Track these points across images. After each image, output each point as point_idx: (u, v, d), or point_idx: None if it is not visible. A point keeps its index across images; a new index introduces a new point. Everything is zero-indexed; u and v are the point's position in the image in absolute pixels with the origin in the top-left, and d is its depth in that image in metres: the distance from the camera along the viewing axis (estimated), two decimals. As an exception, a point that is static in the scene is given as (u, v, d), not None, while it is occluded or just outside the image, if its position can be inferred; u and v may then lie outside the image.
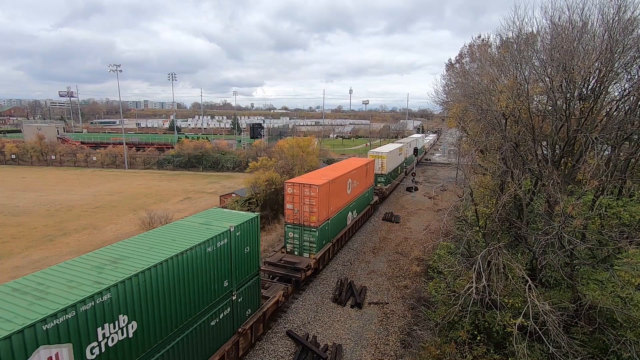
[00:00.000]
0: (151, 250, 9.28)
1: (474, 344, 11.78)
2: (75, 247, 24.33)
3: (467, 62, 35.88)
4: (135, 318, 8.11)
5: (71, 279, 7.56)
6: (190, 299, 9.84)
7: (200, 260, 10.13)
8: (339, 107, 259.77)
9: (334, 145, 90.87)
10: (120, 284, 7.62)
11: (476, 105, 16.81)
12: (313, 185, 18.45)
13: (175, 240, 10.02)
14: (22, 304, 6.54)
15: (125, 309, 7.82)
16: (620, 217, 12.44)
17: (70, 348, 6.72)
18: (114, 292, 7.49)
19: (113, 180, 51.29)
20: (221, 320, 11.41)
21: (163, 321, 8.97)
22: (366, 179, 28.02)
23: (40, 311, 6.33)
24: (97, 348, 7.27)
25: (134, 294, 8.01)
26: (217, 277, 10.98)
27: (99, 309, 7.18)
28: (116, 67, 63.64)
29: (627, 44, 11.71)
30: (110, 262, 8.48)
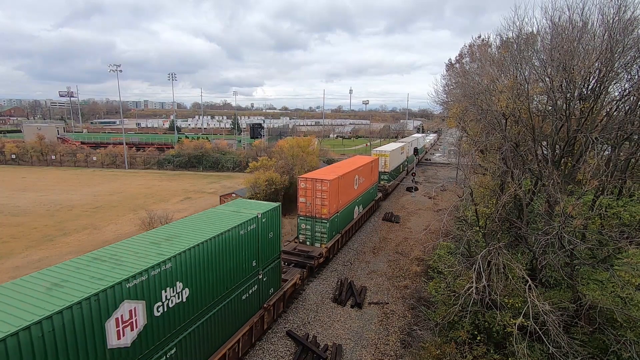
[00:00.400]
0: (196, 231, 10.91)
1: (474, 344, 11.79)
2: (75, 247, 24.33)
3: (467, 62, 35.88)
4: (188, 285, 9.70)
5: (137, 251, 9.11)
6: (227, 274, 11.49)
7: (235, 241, 11.77)
8: (339, 107, 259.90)
9: (334, 145, 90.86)
10: (177, 256, 9.17)
11: (476, 105, 16.81)
12: (325, 180, 19.93)
13: (214, 224, 11.66)
14: (105, 269, 8.05)
15: (181, 277, 9.38)
16: (620, 217, 12.44)
17: (144, 305, 8.29)
18: (173, 263, 9.02)
19: (113, 180, 51.30)
20: (250, 296, 13.07)
21: (208, 290, 10.52)
22: (371, 176, 29.32)
23: (122, 273, 7.84)
24: (162, 307, 8.85)
25: (187, 266, 9.55)
26: (248, 257, 12.61)
27: (162, 275, 8.71)
28: (116, 67, 63.61)
29: (627, 44, 11.71)
30: (165, 239, 10.05)
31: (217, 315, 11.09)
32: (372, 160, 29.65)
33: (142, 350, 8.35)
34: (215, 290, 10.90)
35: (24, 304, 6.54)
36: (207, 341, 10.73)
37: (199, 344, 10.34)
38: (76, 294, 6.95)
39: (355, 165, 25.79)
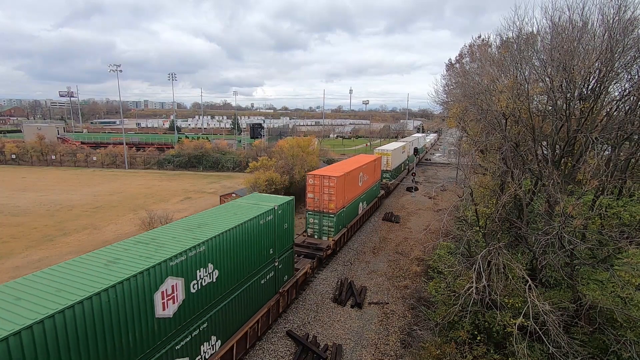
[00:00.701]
0: (222, 219, 12.19)
1: (474, 344, 11.78)
2: (75, 246, 24.33)
3: (467, 62, 35.88)
4: (218, 267, 10.90)
5: (174, 236, 10.36)
6: (249, 259, 12.71)
7: (256, 230, 12.98)
8: (339, 107, 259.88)
9: (334, 145, 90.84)
10: (209, 241, 10.34)
11: (476, 105, 16.81)
12: (332, 176, 21.17)
13: (237, 214, 12.94)
14: (150, 250, 9.22)
15: (212, 259, 10.58)
16: (620, 217, 12.44)
17: (183, 282, 9.45)
18: (206, 246, 10.16)
19: (113, 180, 51.30)
20: (268, 281, 14.27)
21: (233, 273, 11.76)
22: (374, 174, 30.47)
23: (166, 254, 8.99)
24: (197, 285, 10.03)
25: (217, 249, 10.75)
26: (266, 245, 13.86)
27: (197, 257, 9.88)
28: (116, 67, 63.59)
29: (627, 44, 11.71)
30: (196, 226, 11.29)
31: (240, 296, 12.39)
32: (375, 159, 30.62)
33: (181, 322, 9.59)
34: (239, 273, 12.23)
35: (90, 276, 7.71)
36: (232, 319, 12.05)
37: (225, 321, 11.60)
38: (130, 270, 8.09)
39: (359, 163, 26.75)
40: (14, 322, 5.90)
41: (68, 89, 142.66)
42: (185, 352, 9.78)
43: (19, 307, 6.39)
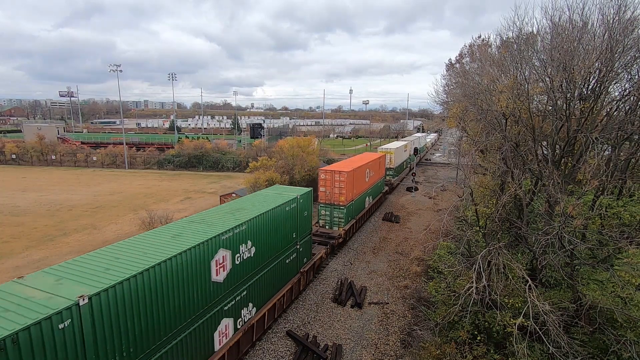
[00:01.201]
0: (255, 205, 14.16)
1: (474, 344, 11.78)
2: (75, 246, 24.33)
3: (467, 62, 35.87)
4: (254, 244, 12.84)
5: (221, 217, 12.39)
6: (277, 240, 14.57)
7: (283, 215, 14.91)
8: (339, 107, 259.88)
9: (334, 145, 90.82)
10: (248, 221, 12.27)
11: (476, 105, 16.81)
12: (342, 171, 23.00)
13: (266, 202, 14.83)
14: (204, 228, 11.18)
15: (250, 237, 12.54)
16: (620, 217, 12.44)
17: (230, 253, 11.40)
18: (246, 225, 12.16)
19: (113, 180, 51.31)
20: (291, 261, 16.18)
21: (265, 251, 13.69)
22: (379, 170, 32.34)
23: (217, 230, 10.94)
24: (239, 258, 11.97)
25: (254, 229, 12.68)
26: (290, 229, 15.76)
27: (240, 234, 11.84)
28: (116, 67, 63.60)
29: (628, 44, 11.71)
30: (235, 210, 13.35)
31: (270, 271, 14.33)
32: (379, 157, 32.56)
33: (228, 287, 11.53)
34: (270, 251, 14.15)
35: (164, 246, 9.57)
36: (264, 291, 14.02)
37: (259, 291, 13.57)
38: (192, 241, 9.91)
39: (365, 160, 28.68)
40: (122, 273, 7.92)
41: (68, 89, 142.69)
42: (230, 313, 11.89)
43: (121, 264, 8.42)
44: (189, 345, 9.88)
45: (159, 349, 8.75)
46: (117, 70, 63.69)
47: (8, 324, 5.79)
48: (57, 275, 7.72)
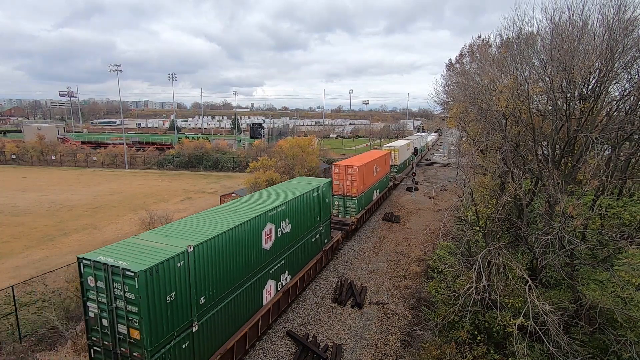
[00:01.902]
0: (288, 192, 16.67)
1: (474, 344, 11.78)
2: (75, 246, 24.33)
3: (467, 62, 35.86)
4: (290, 222, 15.52)
5: (264, 199, 15.02)
6: (306, 221, 17.26)
7: (310, 200, 17.56)
8: (339, 107, 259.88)
9: (334, 145, 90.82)
10: (286, 203, 14.93)
11: (476, 105, 16.80)
12: (354, 166, 25.51)
13: (297, 189, 17.27)
14: (254, 206, 13.79)
15: (288, 215, 15.21)
16: (620, 217, 12.43)
17: (274, 227, 14.10)
18: (285, 206, 14.76)
19: (113, 180, 51.31)
20: (315, 240, 18.92)
21: (298, 228, 16.32)
22: (385, 166, 34.85)
23: (265, 208, 13.62)
24: (280, 232, 14.65)
25: (290, 209, 15.28)
26: (315, 212, 18.42)
27: (281, 212, 14.52)
28: (116, 67, 63.60)
29: (627, 44, 11.70)
30: (273, 195, 15.98)
31: (301, 247, 16.95)
32: (385, 154, 35.22)
33: (272, 255, 14.18)
34: (301, 229, 16.74)
35: (227, 218, 12.21)
36: (296, 262, 16.68)
37: (293, 262, 16.20)
38: (248, 215, 12.52)
39: (373, 156, 31.19)
40: (206, 234, 10.46)
41: (68, 89, 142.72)
42: (273, 276, 14.55)
43: (202, 229, 10.97)
44: (246, 297, 12.60)
45: (227, 297, 11.40)
46: (117, 70, 63.70)
47: (148, 261, 8.45)
48: (163, 235, 10.37)
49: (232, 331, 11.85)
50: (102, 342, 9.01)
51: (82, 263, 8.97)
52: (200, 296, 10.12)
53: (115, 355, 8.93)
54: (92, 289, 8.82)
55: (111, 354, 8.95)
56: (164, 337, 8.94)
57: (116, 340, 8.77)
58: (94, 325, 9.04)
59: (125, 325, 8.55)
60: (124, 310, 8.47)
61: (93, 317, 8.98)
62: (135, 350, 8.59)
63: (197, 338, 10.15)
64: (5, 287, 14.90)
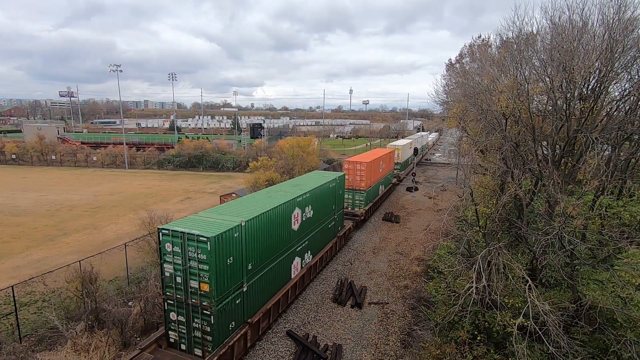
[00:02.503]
0: (308, 183, 19.05)
1: (474, 344, 11.78)
2: (75, 246, 24.33)
3: (467, 62, 35.86)
4: (313, 208, 18.06)
5: (290, 189, 17.41)
6: (324, 209, 19.78)
7: (328, 190, 20.05)
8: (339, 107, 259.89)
9: (334, 145, 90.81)
10: (309, 191, 17.42)
11: (476, 105, 16.80)
12: (363, 162, 27.97)
13: (315, 180, 19.75)
14: (283, 194, 16.10)
15: (310, 202, 17.73)
16: (620, 217, 12.43)
17: (300, 211, 16.57)
18: (308, 194, 17.28)
19: (113, 180, 51.31)
20: (331, 227, 21.39)
21: (317, 215, 18.85)
22: (389, 164, 37.59)
23: (293, 195, 15.96)
24: (305, 216, 17.18)
25: (311, 197, 17.70)
26: (331, 201, 20.95)
27: (305, 199, 17.02)
28: (116, 67, 63.58)
29: (627, 44, 11.70)
30: (296, 185, 18.50)
31: (320, 231, 19.48)
32: (390, 152, 38.00)
33: (299, 236, 16.75)
34: (320, 215, 19.24)
35: (262, 203, 14.39)
36: (316, 244, 19.17)
37: (313, 244, 18.74)
38: (281, 200, 14.96)
39: (379, 154, 33.92)
40: (252, 213, 12.97)
41: (68, 89, 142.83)
42: (299, 254, 17.06)
43: (248, 209, 13.44)
44: (279, 269, 15.00)
45: (265, 267, 13.81)
46: (117, 70, 63.69)
47: (215, 230, 10.83)
48: (218, 213, 12.78)
49: (268, 297, 14.32)
50: (175, 296, 11.32)
51: (161, 232, 11.10)
52: (249, 263, 12.58)
53: (186, 306, 11.22)
54: (168, 253, 11.05)
55: (183, 305, 11.27)
56: (225, 292, 11.32)
57: (188, 293, 11.09)
58: (168, 282, 11.32)
59: (196, 281, 10.87)
60: (196, 269, 10.78)
61: (168, 276, 11.26)
62: (205, 301, 10.91)
63: (246, 297, 12.61)
64: (5, 287, 14.91)
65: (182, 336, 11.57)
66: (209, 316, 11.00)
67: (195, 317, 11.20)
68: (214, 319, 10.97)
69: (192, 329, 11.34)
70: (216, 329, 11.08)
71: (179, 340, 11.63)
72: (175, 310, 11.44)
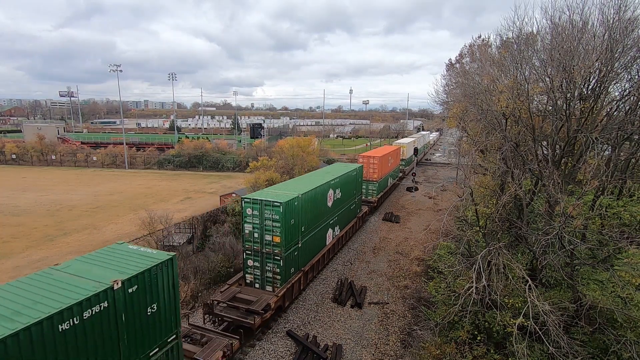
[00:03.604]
0: (336, 171, 22.90)
1: (474, 344, 11.78)
2: (75, 246, 24.33)
3: (467, 62, 35.85)
4: (341, 191, 21.71)
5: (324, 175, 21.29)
6: (349, 192, 23.91)
7: (351, 178, 24.15)
8: (339, 107, 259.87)
9: (334, 145, 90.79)
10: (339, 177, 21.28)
11: (476, 105, 16.79)
12: (375, 157, 32.24)
13: (340, 170, 23.52)
14: (319, 179, 20.15)
15: (339, 186, 21.41)
16: (620, 217, 12.42)
17: (332, 192, 20.46)
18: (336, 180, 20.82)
19: (113, 180, 51.31)
20: (352, 208, 25.41)
21: (343, 196, 22.59)
22: (396, 159, 41.75)
23: (328, 179, 20.25)
24: (335, 196, 20.96)
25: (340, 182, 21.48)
26: (353, 188, 24.98)
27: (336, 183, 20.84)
28: (116, 67, 63.55)
29: (628, 43, 11.69)
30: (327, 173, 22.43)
31: (345, 210, 23.39)
32: (397, 149, 42.52)
33: (332, 211, 20.59)
34: (346, 197, 23.19)
35: (307, 184, 18.28)
36: (343, 220, 23.27)
37: (341, 219, 22.66)
38: (320, 182, 18.86)
39: (388, 150, 37.86)
40: (303, 190, 17.01)
41: (68, 89, 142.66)
42: (332, 226, 20.98)
43: (298, 188, 17.21)
44: (319, 235, 19.14)
45: (311, 232, 17.90)
46: (117, 70, 63.67)
47: (285, 198, 15.05)
48: (279, 189, 17.01)
49: (312, 255, 18.53)
50: (252, 247, 15.51)
51: (244, 201, 15.46)
52: (302, 225, 16.62)
53: (261, 255, 15.39)
54: (249, 216, 15.28)
55: (258, 253, 15.42)
56: (288, 244, 15.48)
57: (263, 244, 15.29)
58: (247, 237, 15.52)
59: (270, 235, 15.09)
60: (271, 226, 14.97)
61: (247, 232, 15.46)
62: (276, 249, 15.08)
63: (300, 251, 16.79)
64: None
65: (256, 278, 15.76)
66: (279, 260, 15.14)
67: (268, 262, 15.37)
68: (282, 263, 15.17)
69: (265, 272, 15.52)
70: (283, 270, 15.27)
71: (254, 281, 15.81)
72: (252, 258, 15.61)
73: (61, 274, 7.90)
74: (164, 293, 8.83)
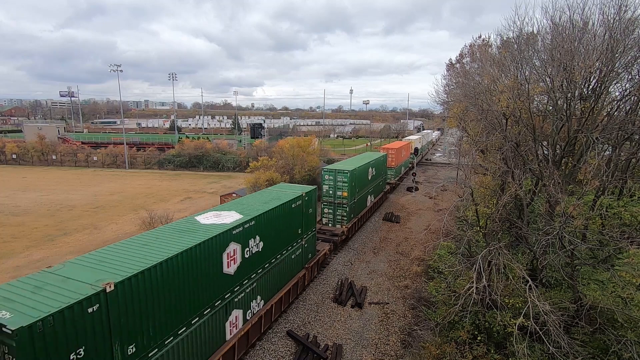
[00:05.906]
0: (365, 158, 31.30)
1: (474, 344, 11.78)
2: (76, 246, 24.34)
3: (467, 62, 35.85)
4: (375, 169, 30.08)
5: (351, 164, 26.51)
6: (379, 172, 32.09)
7: (379, 162, 31.62)
8: (340, 107, 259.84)
9: (335, 145, 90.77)
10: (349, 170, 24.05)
11: (477, 105, 16.79)
12: (393, 148, 40.06)
13: (369, 157, 30.95)
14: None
15: (374, 166, 29.53)
16: (621, 217, 12.43)
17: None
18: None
19: (114, 180, 51.34)
20: (381, 184, 33.03)
21: (378, 173, 32.08)
22: (407, 152, 49.56)
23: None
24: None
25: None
26: (382, 170, 32.65)
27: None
28: (117, 67, 63.59)
29: (628, 44, 11.69)
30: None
31: (377, 185, 30.27)
32: (408, 143, 49.87)
33: (370, 183, 28.13)
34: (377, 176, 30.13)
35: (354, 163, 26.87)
36: (375, 192, 30.16)
37: (374, 191, 29.04)
38: (364, 162, 27.50)
39: (401, 144, 45.69)
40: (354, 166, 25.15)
41: (69, 89, 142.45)
42: (370, 194, 27.29)
43: (352, 165, 25.69)
44: (363, 198, 26.15)
45: (359, 194, 25.10)
46: (118, 70, 63.71)
47: (350, 169, 24.10)
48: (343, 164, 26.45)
49: (360, 210, 25.61)
50: (327, 199, 23.71)
51: (323, 170, 23.99)
52: (357, 188, 24.49)
53: (333, 205, 23.65)
54: (326, 180, 23.70)
55: (332, 204, 23.65)
56: (350, 199, 23.36)
57: (335, 197, 23.55)
58: (325, 194, 23.70)
59: (340, 192, 23.27)
60: (341, 186, 23.21)
61: (325, 190, 23.65)
62: (344, 201, 23.34)
63: (355, 204, 24.74)
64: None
65: (329, 220, 24.16)
66: (346, 207, 23.58)
67: (338, 209, 23.76)
68: (348, 209, 23.61)
69: (335, 215, 23.86)
70: (347, 214, 23.71)
71: (327, 222, 24.25)
72: (327, 207, 23.97)
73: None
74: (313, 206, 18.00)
